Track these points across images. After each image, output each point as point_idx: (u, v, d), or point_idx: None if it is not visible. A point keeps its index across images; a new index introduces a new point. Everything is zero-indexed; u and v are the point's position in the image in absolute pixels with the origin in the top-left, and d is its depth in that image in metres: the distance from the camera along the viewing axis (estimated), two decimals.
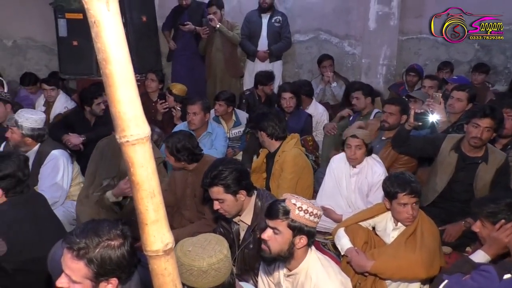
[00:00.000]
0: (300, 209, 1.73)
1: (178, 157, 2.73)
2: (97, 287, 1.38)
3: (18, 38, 6.21)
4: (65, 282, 1.37)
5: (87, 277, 1.35)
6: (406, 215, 2.25)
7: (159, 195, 0.85)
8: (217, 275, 1.45)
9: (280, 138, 3.10)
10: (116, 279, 1.40)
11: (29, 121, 2.84)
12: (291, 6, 5.73)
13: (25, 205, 2.11)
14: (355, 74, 5.83)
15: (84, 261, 1.33)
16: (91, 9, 0.70)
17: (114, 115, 0.78)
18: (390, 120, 3.36)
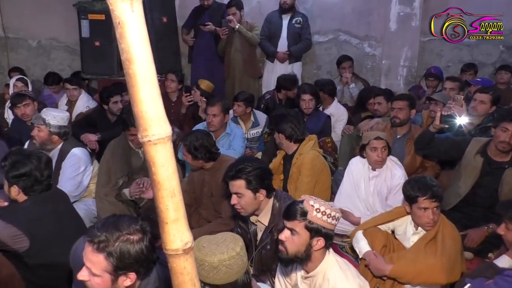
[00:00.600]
0: (318, 210, 1.73)
1: (195, 155, 2.74)
2: (116, 281, 1.41)
3: (42, 38, 6.36)
4: (85, 275, 1.40)
5: (107, 270, 1.37)
6: (427, 220, 2.21)
7: (179, 194, 0.85)
8: (228, 271, 1.45)
9: (298, 141, 3.08)
10: (135, 274, 1.42)
11: (57, 119, 2.93)
12: (310, 7, 5.70)
13: (46, 202, 2.15)
14: (374, 75, 5.77)
15: (104, 254, 1.36)
16: (115, 10, 0.71)
17: (136, 115, 0.79)
18: (400, 116, 3.41)
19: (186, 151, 2.77)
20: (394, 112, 3.45)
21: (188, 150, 2.75)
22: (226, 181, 2.21)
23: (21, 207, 2.11)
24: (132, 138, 3.09)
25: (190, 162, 2.83)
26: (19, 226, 1.97)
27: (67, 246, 1.76)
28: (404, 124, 3.43)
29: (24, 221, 2.00)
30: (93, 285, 1.41)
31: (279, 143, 3.13)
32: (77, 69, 5.74)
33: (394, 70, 5.50)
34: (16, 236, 1.94)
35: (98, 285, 1.40)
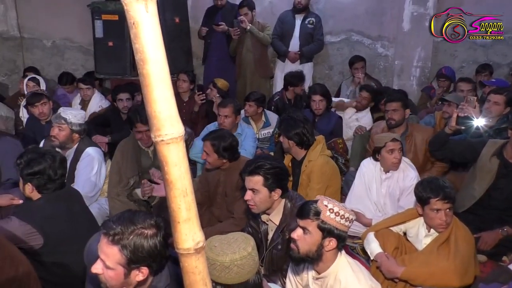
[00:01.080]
0: (331, 211, 1.72)
1: (223, 155, 2.73)
2: (129, 275, 1.42)
3: (57, 39, 6.44)
4: (99, 268, 1.42)
5: (120, 263, 1.39)
6: (439, 221, 2.18)
7: (191, 194, 0.86)
8: (240, 271, 1.45)
9: (308, 146, 3.03)
10: (147, 269, 1.43)
11: (77, 118, 2.99)
12: (323, 7, 5.68)
13: (59, 200, 2.17)
14: (387, 76, 5.73)
15: (118, 246, 1.37)
16: (130, 10, 0.72)
17: (150, 115, 0.79)
18: (395, 117, 3.42)
19: (213, 150, 2.72)
20: (388, 114, 3.46)
21: (216, 150, 2.71)
22: (242, 177, 2.20)
23: (35, 205, 2.14)
24: (139, 136, 3.11)
25: (211, 161, 2.76)
26: (33, 223, 2.00)
27: (80, 245, 1.78)
28: (400, 124, 3.44)
29: (37, 219, 2.03)
30: (106, 278, 1.42)
31: (287, 148, 3.08)
32: (90, 69, 5.80)
33: (407, 70, 5.45)
34: (30, 234, 1.97)
35: (111, 279, 1.42)
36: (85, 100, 4.88)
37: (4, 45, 6.55)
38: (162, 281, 1.49)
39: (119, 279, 1.41)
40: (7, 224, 1.95)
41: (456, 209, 2.45)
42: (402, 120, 3.44)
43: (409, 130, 3.47)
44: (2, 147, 3.15)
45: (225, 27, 4.96)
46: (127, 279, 1.42)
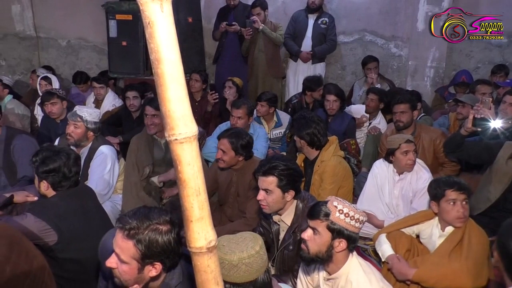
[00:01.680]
0: (341, 212, 1.71)
1: (240, 152, 2.73)
2: (142, 270, 1.44)
3: (72, 38, 6.53)
4: (114, 262, 1.44)
5: (135, 257, 1.41)
6: (457, 214, 2.16)
7: (204, 193, 0.86)
8: (248, 270, 1.46)
9: (320, 147, 3.02)
10: (160, 264, 1.45)
11: (92, 116, 3.03)
12: (336, 7, 5.65)
13: (73, 197, 2.20)
14: (400, 76, 5.68)
15: (133, 241, 1.39)
16: (146, 10, 0.72)
17: (164, 114, 0.80)
18: (403, 119, 3.39)
19: (230, 148, 2.71)
20: (396, 116, 3.43)
21: (234, 148, 2.71)
22: (256, 177, 2.19)
23: (49, 202, 2.17)
24: (146, 121, 3.19)
25: (228, 159, 2.75)
26: (48, 220, 2.02)
27: (94, 242, 1.81)
28: (408, 126, 3.41)
29: (52, 216, 2.06)
30: (120, 273, 1.44)
31: (299, 147, 3.09)
32: (104, 68, 5.87)
33: (421, 71, 5.39)
34: (45, 230, 2.00)
35: (125, 273, 1.43)
36: (99, 99, 4.93)
37: (21, 44, 6.67)
38: (175, 279, 1.50)
39: (132, 274, 1.43)
40: (23, 221, 1.98)
41: (471, 212, 2.41)
42: (411, 122, 3.41)
43: (417, 131, 3.43)
44: (18, 144, 3.21)
45: (237, 27, 4.97)
46: (141, 274, 1.44)
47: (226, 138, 2.72)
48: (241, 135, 2.75)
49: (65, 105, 3.82)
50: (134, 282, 1.46)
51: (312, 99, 4.50)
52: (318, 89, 4.41)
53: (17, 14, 6.51)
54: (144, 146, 3.23)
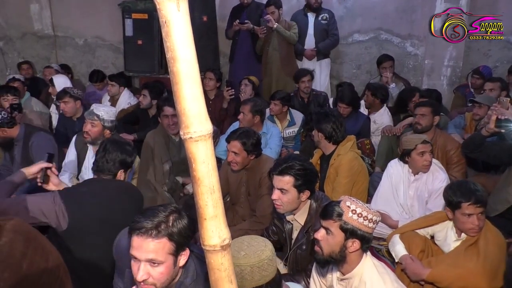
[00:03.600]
0: (353, 212, 1.70)
1: (252, 152, 2.73)
2: (176, 262, 1.45)
3: (88, 37, 6.62)
4: (144, 274, 1.40)
5: (171, 252, 1.41)
6: (471, 226, 2.12)
7: (218, 191, 0.86)
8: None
9: (337, 142, 3.01)
10: (188, 250, 1.48)
11: (109, 114, 3.07)
12: (351, 5, 5.61)
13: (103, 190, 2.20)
14: (416, 75, 5.60)
15: (166, 237, 1.40)
16: (162, 9, 0.73)
17: (179, 112, 0.81)
18: (422, 122, 3.31)
19: (242, 149, 2.69)
20: (416, 118, 3.36)
21: (246, 148, 2.70)
22: (271, 176, 2.17)
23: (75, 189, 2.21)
24: (166, 121, 3.24)
25: (240, 160, 2.73)
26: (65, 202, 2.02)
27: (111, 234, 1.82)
28: (427, 130, 3.30)
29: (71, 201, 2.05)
30: (157, 279, 1.41)
31: (317, 141, 3.08)
32: (120, 67, 5.94)
33: (437, 70, 5.31)
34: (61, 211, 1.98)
35: (162, 275, 1.41)
36: (114, 97, 5.00)
37: (39, 43, 6.79)
38: (189, 277, 1.51)
39: (169, 271, 1.43)
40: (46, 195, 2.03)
41: (488, 213, 2.38)
42: (430, 126, 3.32)
43: (435, 137, 3.32)
44: (36, 142, 3.27)
45: (250, 25, 4.98)
46: (175, 267, 1.45)
47: (237, 139, 2.69)
48: (250, 133, 2.75)
49: (78, 104, 3.81)
50: (170, 280, 1.45)
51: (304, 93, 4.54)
52: (301, 79, 4.49)
53: (35, 13, 6.63)
54: (161, 142, 3.26)
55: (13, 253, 1.45)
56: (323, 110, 3.15)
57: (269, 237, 2.41)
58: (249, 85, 4.50)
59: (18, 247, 1.47)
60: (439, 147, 3.29)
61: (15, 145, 3.31)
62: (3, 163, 3.45)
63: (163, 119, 3.29)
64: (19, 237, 1.50)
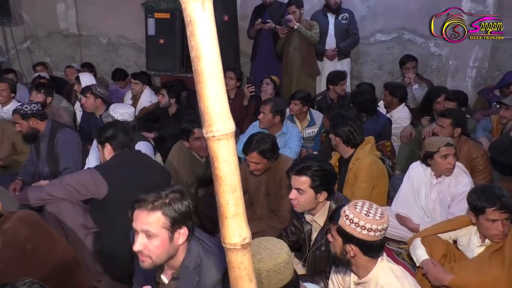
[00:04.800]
0: (346, 217, 1.66)
1: (272, 156, 2.75)
2: (172, 238, 1.51)
3: (112, 36, 6.73)
4: (140, 244, 1.49)
5: (165, 226, 1.49)
6: (496, 232, 2.06)
7: (240, 190, 0.87)
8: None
9: (355, 145, 2.96)
10: (186, 229, 1.54)
11: (124, 116, 3.14)
12: (373, 5, 5.54)
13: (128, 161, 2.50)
14: (440, 76, 5.49)
15: (160, 210, 1.49)
16: (187, 8, 0.73)
17: (202, 111, 0.81)
18: (442, 134, 3.15)
19: (262, 157, 2.71)
20: (436, 129, 3.26)
21: (265, 156, 2.71)
22: (289, 175, 2.18)
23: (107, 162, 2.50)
24: (197, 144, 3.16)
25: (262, 167, 2.76)
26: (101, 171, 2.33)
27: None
28: None
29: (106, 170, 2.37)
30: (151, 251, 1.49)
31: (335, 145, 3.04)
32: (142, 65, 6.02)
33: (462, 71, 5.20)
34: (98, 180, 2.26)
35: (156, 248, 1.49)
36: (136, 96, 5.07)
37: (64, 42, 6.95)
38: (193, 262, 1.57)
39: (164, 246, 1.50)
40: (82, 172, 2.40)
41: None
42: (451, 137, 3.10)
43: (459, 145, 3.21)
44: (62, 138, 3.35)
45: (272, 24, 4.98)
46: (171, 243, 1.51)
47: (254, 151, 2.70)
48: (264, 139, 2.73)
49: (98, 102, 3.89)
50: (166, 256, 1.52)
51: (336, 95, 4.47)
52: (340, 83, 4.43)
53: (61, 12, 6.79)
54: (186, 165, 3.20)
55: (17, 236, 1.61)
56: (339, 113, 3.09)
57: (287, 237, 2.41)
58: (271, 84, 4.51)
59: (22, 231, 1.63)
60: (463, 155, 3.18)
61: (41, 140, 3.40)
62: (29, 158, 3.55)
63: (193, 142, 3.18)
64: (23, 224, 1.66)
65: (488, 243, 2.16)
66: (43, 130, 3.37)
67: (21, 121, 3.32)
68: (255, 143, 2.71)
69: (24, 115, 3.31)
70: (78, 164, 3.40)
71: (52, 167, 3.39)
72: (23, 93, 5.11)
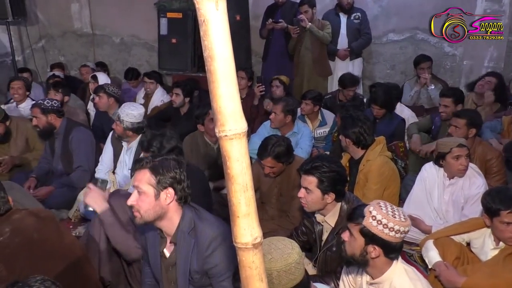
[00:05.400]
0: (373, 218, 1.64)
1: (287, 160, 2.76)
2: (158, 196, 1.68)
3: (125, 35, 6.79)
4: (133, 199, 1.68)
5: (151, 183, 1.67)
6: (510, 235, 2.03)
7: (252, 189, 0.87)
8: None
9: (366, 146, 2.94)
10: (173, 191, 1.70)
11: (129, 117, 3.12)
12: (386, 4, 5.49)
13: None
14: (454, 76, 5.42)
15: (148, 169, 1.68)
16: (201, 8, 0.74)
17: (215, 110, 0.82)
18: (456, 135, 3.11)
19: (277, 162, 2.72)
20: (450, 129, 3.20)
21: (280, 160, 2.72)
22: (300, 174, 2.20)
23: None
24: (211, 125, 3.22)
25: (277, 170, 2.78)
26: None
27: None
28: None
29: None
30: (140, 205, 1.67)
31: (345, 146, 3.02)
32: (154, 65, 6.06)
33: (476, 71, 5.12)
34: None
35: (143, 203, 1.67)
36: (148, 95, 5.11)
37: (78, 41, 7.03)
38: (187, 226, 1.74)
39: (151, 202, 1.67)
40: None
41: None
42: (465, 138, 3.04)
43: (474, 147, 3.16)
44: (76, 136, 3.40)
45: (284, 24, 4.97)
46: (158, 201, 1.68)
47: (269, 156, 2.71)
48: (279, 143, 2.73)
49: (111, 101, 3.93)
50: (153, 213, 1.69)
51: (345, 97, 4.46)
52: (351, 88, 4.41)
53: (76, 12, 6.87)
54: (198, 148, 3.26)
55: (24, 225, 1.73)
56: (348, 115, 3.06)
57: (298, 237, 2.41)
58: (280, 87, 4.48)
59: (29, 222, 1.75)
60: (477, 156, 3.13)
61: (56, 138, 3.45)
62: (43, 156, 3.60)
63: (208, 124, 3.23)
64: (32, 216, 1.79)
65: (502, 246, 2.13)
66: (58, 128, 3.42)
67: (40, 116, 3.37)
68: (270, 147, 2.72)
69: (45, 110, 3.37)
70: (91, 162, 3.44)
71: (66, 165, 3.44)
72: (37, 92, 5.20)
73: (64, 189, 3.32)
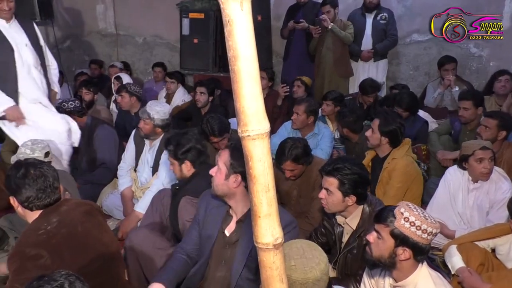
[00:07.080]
0: (406, 219, 1.61)
1: (306, 161, 2.76)
2: (228, 177, 1.85)
3: (147, 35, 6.89)
4: (214, 171, 1.90)
5: (226, 163, 1.85)
6: None
7: (273, 190, 0.87)
8: None
9: (397, 145, 2.89)
10: (240, 178, 1.83)
11: (160, 114, 3.16)
12: (410, 4, 5.40)
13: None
14: (479, 78, 5.28)
15: (229, 150, 1.89)
16: (226, 8, 0.74)
17: (238, 110, 0.82)
18: (484, 135, 3.03)
19: (296, 164, 2.73)
20: (479, 128, 3.13)
21: (300, 162, 2.73)
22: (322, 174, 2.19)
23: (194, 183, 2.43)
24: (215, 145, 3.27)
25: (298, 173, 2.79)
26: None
27: None
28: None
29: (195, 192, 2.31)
30: (215, 179, 1.89)
31: (376, 144, 2.94)
32: (175, 64, 6.12)
33: None
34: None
35: (216, 177, 1.86)
36: (170, 94, 5.17)
37: (102, 41, 7.17)
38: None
39: (221, 179, 1.85)
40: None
41: None
42: (493, 140, 3.03)
43: (501, 150, 3.10)
44: (100, 134, 3.47)
45: (305, 24, 4.94)
46: (226, 181, 1.85)
47: (288, 160, 2.72)
48: (295, 145, 2.73)
49: (133, 100, 4.01)
50: (221, 190, 1.87)
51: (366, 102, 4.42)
52: (371, 94, 4.36)
53: (100, 13, 7.01)
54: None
55: (71, 217, 1.77)
56: (386, 112, 3.01)
57: (317, 238, 2.39)
58: (302, 87, 4.50)
59: (76, 215, 1.79)
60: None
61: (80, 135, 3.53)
62: None
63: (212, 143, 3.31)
64: (79, 208, 1.82)
65: None
66: (83, 126, 3.50)
67: None
68: (288, 151, 2.72)
69: (65, 113, 3.45)
70: (114, 159, 3.50)
71: (89, 162, 3.50)
72: (64, 91, 5.31)
73: (87, 186, 3.39)
